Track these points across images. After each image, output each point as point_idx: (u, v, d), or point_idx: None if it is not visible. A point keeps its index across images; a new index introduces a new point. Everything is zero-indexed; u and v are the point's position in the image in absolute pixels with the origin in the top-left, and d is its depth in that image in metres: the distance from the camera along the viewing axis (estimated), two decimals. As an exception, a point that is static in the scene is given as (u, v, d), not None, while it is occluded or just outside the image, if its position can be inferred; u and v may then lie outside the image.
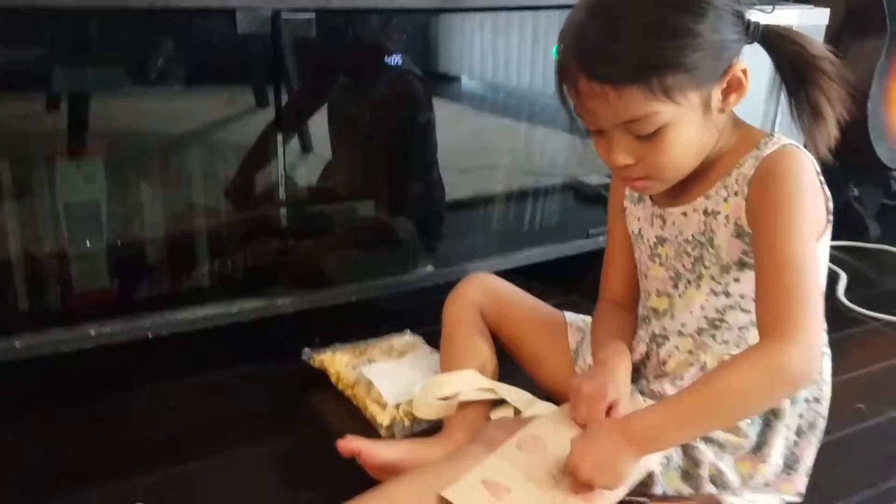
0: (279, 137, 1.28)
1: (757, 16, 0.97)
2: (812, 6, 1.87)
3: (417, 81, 1.44)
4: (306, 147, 1.36)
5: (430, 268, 1.49)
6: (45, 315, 1.19)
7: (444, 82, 1.50)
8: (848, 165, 2.06)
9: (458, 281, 1.31)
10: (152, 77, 1.18)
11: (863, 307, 1.71)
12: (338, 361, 1.32)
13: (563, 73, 0.94)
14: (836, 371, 1.06)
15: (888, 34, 2.01)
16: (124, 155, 1.20)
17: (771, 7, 1.68)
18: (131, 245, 1.24)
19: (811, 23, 1.82)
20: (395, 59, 1.39)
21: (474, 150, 1.56)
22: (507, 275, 1.33)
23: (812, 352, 0.87)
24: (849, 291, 1.78)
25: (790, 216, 0.91)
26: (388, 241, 1.50)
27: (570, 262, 1.64)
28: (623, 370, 1.04)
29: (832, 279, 1.82)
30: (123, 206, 1.22)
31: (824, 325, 0.96)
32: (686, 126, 0.91)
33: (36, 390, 1.29)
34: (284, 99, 1.29)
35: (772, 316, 0.89)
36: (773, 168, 0.94)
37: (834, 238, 1.02)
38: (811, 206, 0.93)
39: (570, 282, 1.59)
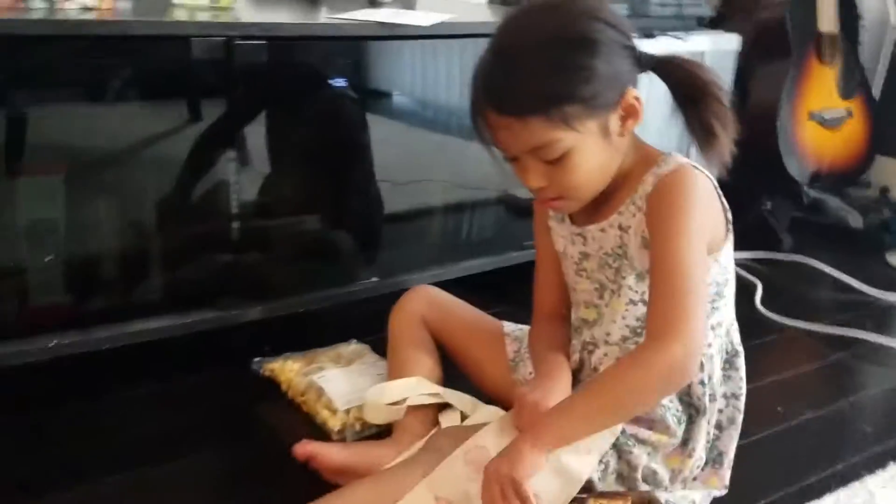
0: (233, 155, 1.33)
1: (669, 43, 1.06)
2: (723, 32, 1.99)
3: (352, 103, 1.50)
4: (245, 162, 1.39)
5: (374, 279, 1.54)
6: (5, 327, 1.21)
7: (380, 103, 1.56)
8: (761, 181, 2.19)
9: (400, 291, 1.37)
10: (109, 98, 1.22)
11: (778, 315, 1.79)
12: (288, 370, 1.36)
13: (476, 109, 1.04)
14: (756, 376, 1.13)
15: (793, 58, 2.15)
16: (83, 173, 1.23)
17: (684, 34, 1.81)
18: (88, 260, 1.27)
19: (723, 48, 1.94)
20: (337, 82, 1.45)
21: (411, 165, 1.62)
22: (445, 285, 1.39)
23: (689, 350, 0.95)
24: (765, 300, 1.86)
25: (678, 226, 1.00)
26: (332, 253, 1.54)
27: (506, 272, 1.70)
28: (565, 381, 1.10)
29: (749, 289, 1.89)
30: (81, 222, 1.24)
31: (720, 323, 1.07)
32: (588, 150, 1.01)
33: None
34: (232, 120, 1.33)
35: (656, 317, 0.98)
36: (668, 184, 1.03)
37: (749, 249, 1.10)
38: (701, 217, 1.02)
39: (506, 292, 1.64)
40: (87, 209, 1.26)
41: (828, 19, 2.17)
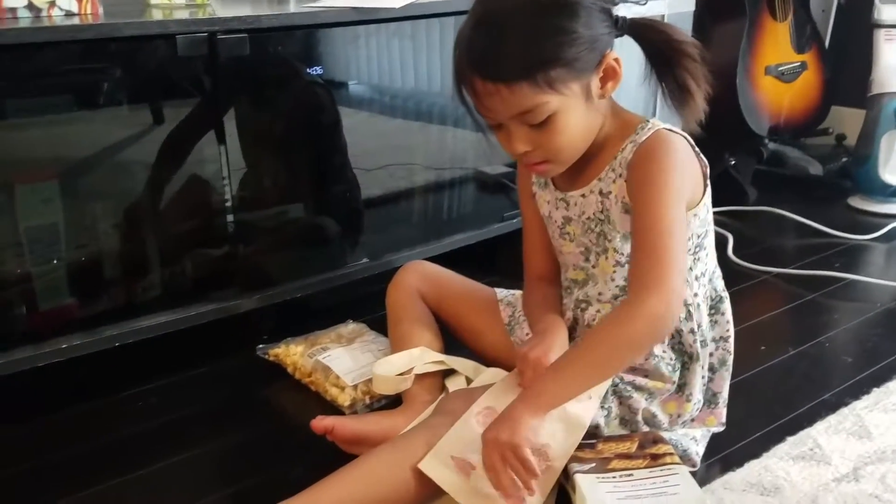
0: (220, 149, 1.35)
1: (631, 9, 1.10)
2: (679, -5, 2.05)
3: (323, 90, 1.52)
4: (232, 155, 1.41)
5: (364, 260, 1.58)
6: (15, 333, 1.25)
7: (353, 90, 1.58)
8: (723, 138, 2.26)
9: (391, 271, 1.41)
10: (98, 101, 1.23)
11: (751, 263, 1.87)
12: (292, 353, 1.39)
13: (461, 77, 1.06)
14: (737, 321, 1.18)
15: (747, 18, 2.21)
16: (77, 176, 1.26)
17: (644, 0, 1.86)
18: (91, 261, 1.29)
19: (679, 10, 1.99)
20: (314, 70, 1.47)
21: (389, 149, 1.66)
22: (434, 261, 1.43)
23: (667, 302, 0.99)
24: (736, 250, 1.93)
25: (658, 189, 1.04)
26: (320, 239, 1.57)
27: (491, 244, 1.74)
28: (562, 338, 1.15)
29: (721, 242, 1.95)
30: (80, 225, 1.27)
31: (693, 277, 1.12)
32: (572, 112, 1.04)
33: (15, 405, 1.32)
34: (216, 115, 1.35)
35: (636, 274, 1.03)
36: (646, 151, 1.07)
37: (716, 204, 1.16)
38: (679, 179, 1.07)
39: (493, 263, 1.71)
40: (85, 212, 1.28)
41: (778, -23, 2.24)
